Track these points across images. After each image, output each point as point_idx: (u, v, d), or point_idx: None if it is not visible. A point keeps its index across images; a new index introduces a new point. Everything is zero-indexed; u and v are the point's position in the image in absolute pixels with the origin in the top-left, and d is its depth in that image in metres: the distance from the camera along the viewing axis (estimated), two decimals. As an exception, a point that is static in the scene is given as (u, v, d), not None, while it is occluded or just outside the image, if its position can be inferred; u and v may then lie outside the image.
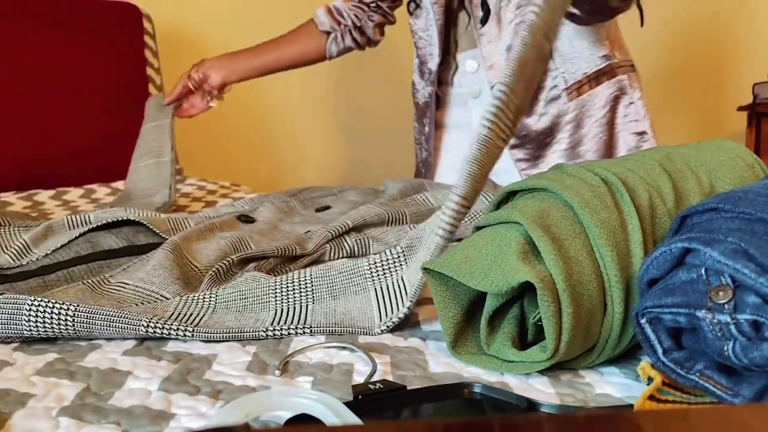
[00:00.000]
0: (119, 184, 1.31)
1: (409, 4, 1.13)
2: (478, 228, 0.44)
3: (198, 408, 0.34)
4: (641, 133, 1.02)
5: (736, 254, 0.30)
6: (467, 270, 0.39)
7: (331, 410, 0.29)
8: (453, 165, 1.14)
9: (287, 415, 0.32)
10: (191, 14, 1.80)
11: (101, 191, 1.25)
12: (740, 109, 2.02)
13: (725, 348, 0.29)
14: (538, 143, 1.02)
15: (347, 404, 0.31)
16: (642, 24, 1.06)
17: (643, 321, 0.33)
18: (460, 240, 0.79)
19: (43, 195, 1.18)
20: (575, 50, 1.01)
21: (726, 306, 0.29)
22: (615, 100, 1.02)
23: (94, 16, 1.43)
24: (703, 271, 0.31)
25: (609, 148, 1.02)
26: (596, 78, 1.01)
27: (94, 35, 1.41)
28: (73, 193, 1.21)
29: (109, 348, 0.43)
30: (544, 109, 1.02)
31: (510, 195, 0.46)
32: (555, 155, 1.02)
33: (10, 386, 0.37)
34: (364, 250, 0.72)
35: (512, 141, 1.02)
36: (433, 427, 0.19)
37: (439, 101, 1.13)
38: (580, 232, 0.39)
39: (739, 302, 0.29)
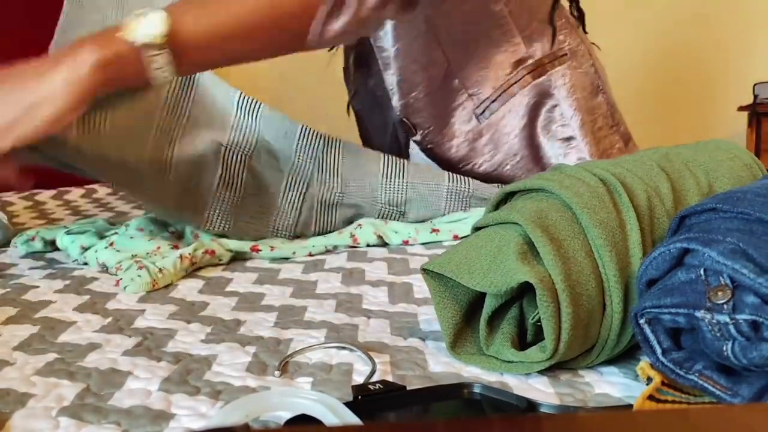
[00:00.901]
0: (119, 185, 1.31)
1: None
2: (477, 228, 0.44)
3: (198, 408, 0.34)
4: (568, 139, 0.90)
5: (735, 254, 0.30)
6: (466, 270, 0.39)
7: (331, 410, 0.29)
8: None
9: (287, 415, 0.32)
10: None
11: (102, 191, 1.25)
12: (740, 109, 2.02)
13: (724, 348, 0.29)
14: (459, 171, 0.94)
15: (347, 404, 0.31)
16: (584, 31, 1.00)
17: (642, 321, 0.33)
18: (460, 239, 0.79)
19: (44, 195, 1.18)
20: (482, 67, 0.90)
21: (725, 306, 0.29)
22: (534, 109, 0.91)
23: (94, 17, 1.43)
24: (701, 272, 0.31)
25: (535, 163, 0.91)
26: (508, 89, 0.90)
27: (94, 36, 1.41)
28: (74, 193, 1.21)
29: (109, 348, 0.43)
30: (459, 136, 0.93)
31: (508, 195, 0.46)
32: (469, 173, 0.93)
33: (10, 386, 0.37)
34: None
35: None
36: (433, 427, 0.19)
37: None
38: (579, 233, 0.39)
39: (738, 302, 0.29)
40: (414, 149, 1.05)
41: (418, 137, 0.97)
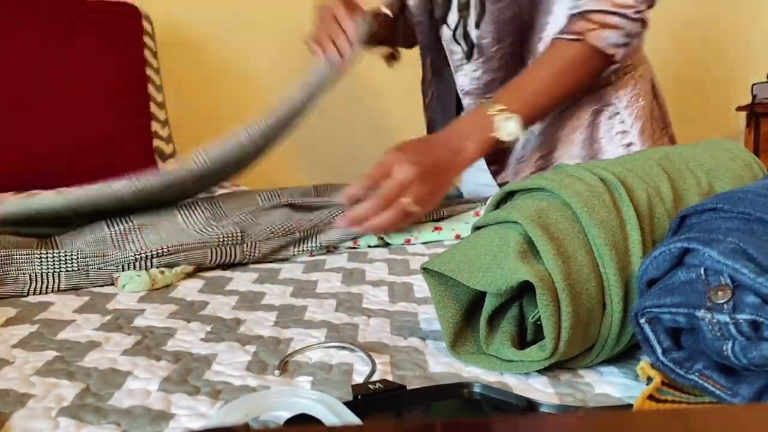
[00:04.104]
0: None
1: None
2: (477, 228, 0.44)
3: (198, 408, 0.34)
4: (628, 145, 0.97)
5: (735, 254, 0.30)
6: (466, 270, 0.39)
7: (331, 410, 0.29)
8: (477, 164, 1.17)
9: (287, 415, 0.32)
10: (191, 14, 1.80)
11: (100, 191, 1.25)
12: (739, 109, 2.02)
13: (724, 348, 0.29)
14: (513, 163, 1.00)
15: (347, 404, 0.31)
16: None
17: (642, 321, 0.33)
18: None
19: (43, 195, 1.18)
20: None
21: (725, 306, 0.29)
22: (595, 114, 0.97)
23: (93, 17, 1.43)
24: (702, 271, 0.31)
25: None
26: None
27: (94, 35, 1.41)
28: (73, 193, 1.21)
29: (109, 347, 0.43)
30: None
31: (509, 195, 0.46)
32: (520, 168, 0.99)
33: (10, 386, 0.37)
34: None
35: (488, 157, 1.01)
36: (432, 427, 0.19)
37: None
38: (579, 232, 0.39)
39: (738, 302, 0.29)
40: None
41: None
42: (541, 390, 0.37)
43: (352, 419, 0.29)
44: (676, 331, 0.33)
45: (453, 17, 0.98)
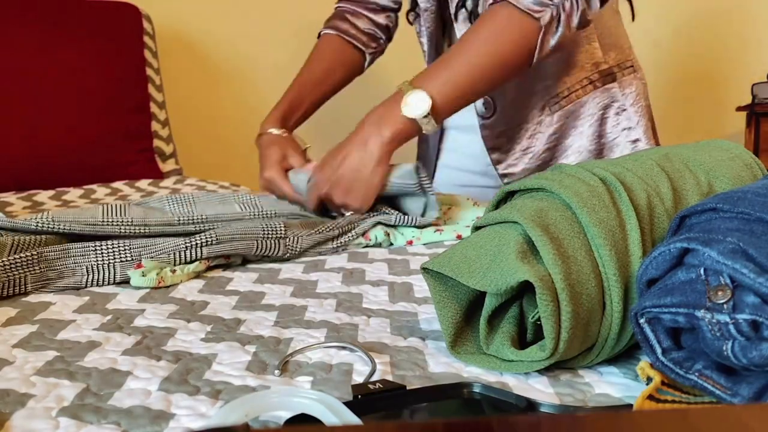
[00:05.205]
0: (119, 184, 1.31)
1: (408, 13, 1.14)
2: (477, 228, 0.44)
3: (198, 408, 0.34)
4: (635, 141, 0.99)
5: (735, 254, 0.30)
6: (466, 269, 0.39)
7: (331, 410, 0.29)
8: (451, 163, 1.15)
9: (287, 415, 0.32)
10: (191, 14, 1.80)
11: (101, 191, 1.25)
12: (739, 109, 2.02)
13: (724, 348, 0.30)
14: (518, 153, 1.01)
15: (347, 404, 0.31)
16: (633, 19, 1.04)
17: (642, 321, 0.33)
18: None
19: (43, 195, 1.18)
20: (561, 66, 0.97)
21: (725, 306, 0.29)
22: (604, 109, 0.99)
23: (93, 17, 1.43)
24: (702, 271, 0.31)
25: (599, 158, 1.00)
26: (582, 88, 0.98)
27: (94, 35, 1.41)
28: (73, 194, 1.21)
29: (109, 346, 0.43)
30: (529, 122, 1.00)
31: (508, 195, 0.46)
32: (525, 159, 1.01)
33: (10, 386, 0.37)
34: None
35: (490, 144, 1.03)
36: (432, 427, 0.19)
37: None
38: (579, 232, 0.39)
39: (738, 302, 0.29)
40: (451, 138, 1.13)
41: (488, 114, 1.02)
42: (541, 390, 0.37)
43: (352, 419, 0.29)
44: (676, 331, 0.33)
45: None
